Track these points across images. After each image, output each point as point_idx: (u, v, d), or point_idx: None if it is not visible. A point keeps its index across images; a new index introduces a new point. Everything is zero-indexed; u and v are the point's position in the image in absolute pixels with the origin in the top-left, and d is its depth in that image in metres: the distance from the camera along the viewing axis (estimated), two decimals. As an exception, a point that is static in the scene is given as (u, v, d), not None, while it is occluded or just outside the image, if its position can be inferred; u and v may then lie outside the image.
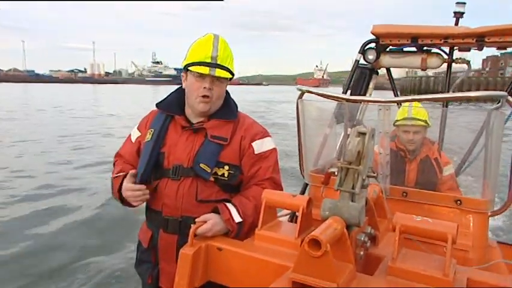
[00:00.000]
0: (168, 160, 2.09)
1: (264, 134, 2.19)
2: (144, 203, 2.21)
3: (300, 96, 2.58)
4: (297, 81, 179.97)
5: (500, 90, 2.49)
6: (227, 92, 2.21)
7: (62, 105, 32.49)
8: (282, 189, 2.13)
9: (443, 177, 3.14)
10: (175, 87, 2.19)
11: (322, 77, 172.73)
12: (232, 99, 2.22)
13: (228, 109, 2.16)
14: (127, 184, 2.03)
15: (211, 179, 2.04)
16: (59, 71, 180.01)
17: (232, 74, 2.08)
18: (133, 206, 2.12)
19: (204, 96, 2.03)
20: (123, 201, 2.12)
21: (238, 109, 2.22)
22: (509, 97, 2.07)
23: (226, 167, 2.06)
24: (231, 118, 2.13)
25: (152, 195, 2.12)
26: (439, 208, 2.26)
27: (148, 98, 40.99)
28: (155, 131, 2.14)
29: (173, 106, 2.16)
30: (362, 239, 1.56)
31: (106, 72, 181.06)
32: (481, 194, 2.30)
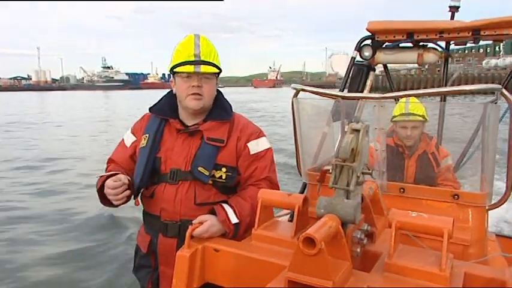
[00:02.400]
0: (165, 165, 2.07)
1: (259, 134, 2.18)
2: (141, 207, 2.21)
3: (295, 95, 2.58)
4: (254, 82, 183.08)
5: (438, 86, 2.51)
6: (220, 92, 2.20)
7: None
8: (278, 189, 2.12)
9: (440, 169, 3.13)
10: (128, 92, 2.17)
11: (276, 77, 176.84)
12: (226, 100, 2.21)
13: (222, 110, 2.15)
14: (109, 181, 1.95)
15: (210, 181, 2.03)
16: None
17: (219, 69, 2.06)
18: (115, 206, 2.05)
19: (194, 94, 2.02)
20: (104, 198, 2.03)
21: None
22: (503, 90, 2.06)
23: (224, 169, 2.05)
24: (227, 119, 2.12)
25: (150, 200, 2.12)
26: (437, 203, 2.25)
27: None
28: (150, 136, 2.12)
29: (166, 110, 2.15)
30: (358, 236, 1.55)
31: (53, 79, 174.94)
32: (479, 188, 2.29)
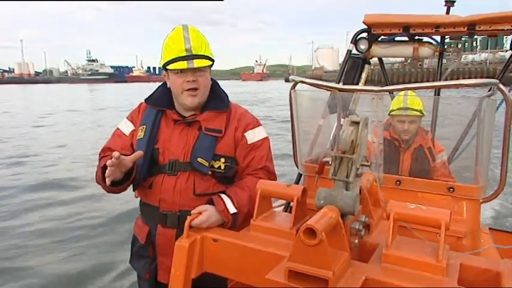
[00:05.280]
0: (164, 156, 2.07)
1: (256, 124, 2.18)
2: (138, 198, 2.21)
3: (293, 87, 2.58)
4: (242, 75, 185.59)
5: (420, 81, 2.53)
6: (216, 83, 2.19)
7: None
8: (275, 178, 2.14)
9: (436, 165, 3.16)
10: (114, 85, 2.12)
11: (262, 71, 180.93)
12: (223, 90, 2.20)
13: (219, 100, 2.14)
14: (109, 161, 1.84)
15: (209, 172, 2.03)
16: None
17: (212, 60, 2.04)
18: (117, 192, 2.03)
19: (190, 90, 2.00)
20: (106, 186, 1.97)
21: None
22: (500, 84, 2.08)
23: (222, 159, 2.05)
24: (224, 109, 2.11)
25: (148, 191, 2.11)
26: (432, 196, 2.28)
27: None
28: (147, 127, 2.11)
29: (163, 101, 2.13)
30: (357, 227, 1.58)
31: (36, 72, 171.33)
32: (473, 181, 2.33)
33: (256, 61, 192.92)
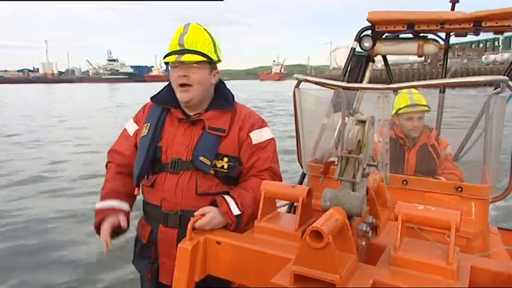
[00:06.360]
0: (166, 154, 2.05)
1: (261, 124, 2.16)
2: (141, 196, 2.19)
3: (297, 85, 2.54)
4: (260, 75, 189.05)
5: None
6: (222, 82, 2.17)
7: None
8: (281, 179, 2.11)
9: (440, 159, 3.12)
10: (133, 84, 2.12)
11: (280, 71, 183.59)
12: (228, 90, 2.18)
13: (223, 99, 2.12)
14: (105, 230, 1.95)
15: (211, 171, 2.01)
16: (6, 71, 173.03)
17: (207, 57, 1.99)
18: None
19: (181, 85, 1.99)
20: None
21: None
22: (510, 82, 2.04)
23: (226, 159, 2.03)
24: (228, 108, 2.09)
25: (150, 190, 2.10)
26: (439, 195, 2.24)
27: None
28: (151, 125, 2.10)
29: (168, 99, 2.12)
30: (363, 229, 1.54)
31: (59, 72, 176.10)
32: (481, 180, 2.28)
33: (274, 61, 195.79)
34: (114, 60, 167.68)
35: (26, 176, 9.39)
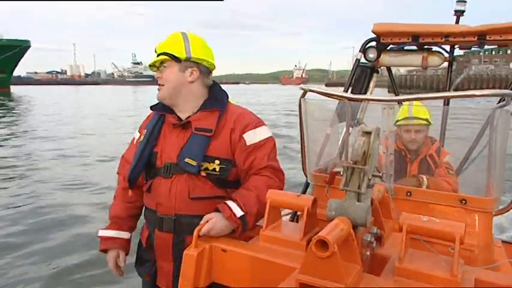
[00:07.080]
0: (161, 159, 2.08)
1: (257, 124, 2.11)
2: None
3: (303, 95, 2.57)
4: (282, 79, 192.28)
5: (467, 89, 2.49)
6: (216, 83, 2.19)
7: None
8: (283, 174, 2.10)
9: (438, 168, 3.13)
10: (155, 87, 2.20)
11: (302, 75, 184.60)
12: (221, 90, 2.19)
13: (214, 99, 2.13)
14: (112, 265, 2.26)
15: (203, 174, 2.01)
16: (36, 73, 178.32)
17: (170, 55, 2.06)
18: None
19: (159, 85, 2.12)
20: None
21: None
22: None
23: (217, 161, 2.02)
24: (215, 107, 2.09)
25: (147, 195, 2.14)
26: (443, 207, 2.24)
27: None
28: (148, 130, 2.15)
29: (163, 105, 2.17)
30: (368, 239, 1.55)
31: (85, 74, 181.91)
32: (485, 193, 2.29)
33: (296, 65, 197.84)
34: (138, 63, 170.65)
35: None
